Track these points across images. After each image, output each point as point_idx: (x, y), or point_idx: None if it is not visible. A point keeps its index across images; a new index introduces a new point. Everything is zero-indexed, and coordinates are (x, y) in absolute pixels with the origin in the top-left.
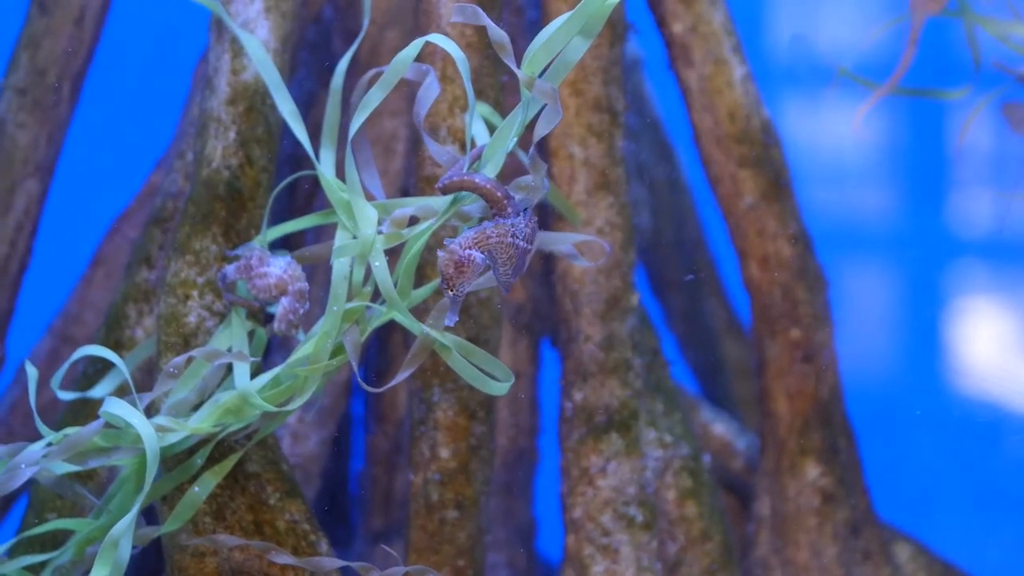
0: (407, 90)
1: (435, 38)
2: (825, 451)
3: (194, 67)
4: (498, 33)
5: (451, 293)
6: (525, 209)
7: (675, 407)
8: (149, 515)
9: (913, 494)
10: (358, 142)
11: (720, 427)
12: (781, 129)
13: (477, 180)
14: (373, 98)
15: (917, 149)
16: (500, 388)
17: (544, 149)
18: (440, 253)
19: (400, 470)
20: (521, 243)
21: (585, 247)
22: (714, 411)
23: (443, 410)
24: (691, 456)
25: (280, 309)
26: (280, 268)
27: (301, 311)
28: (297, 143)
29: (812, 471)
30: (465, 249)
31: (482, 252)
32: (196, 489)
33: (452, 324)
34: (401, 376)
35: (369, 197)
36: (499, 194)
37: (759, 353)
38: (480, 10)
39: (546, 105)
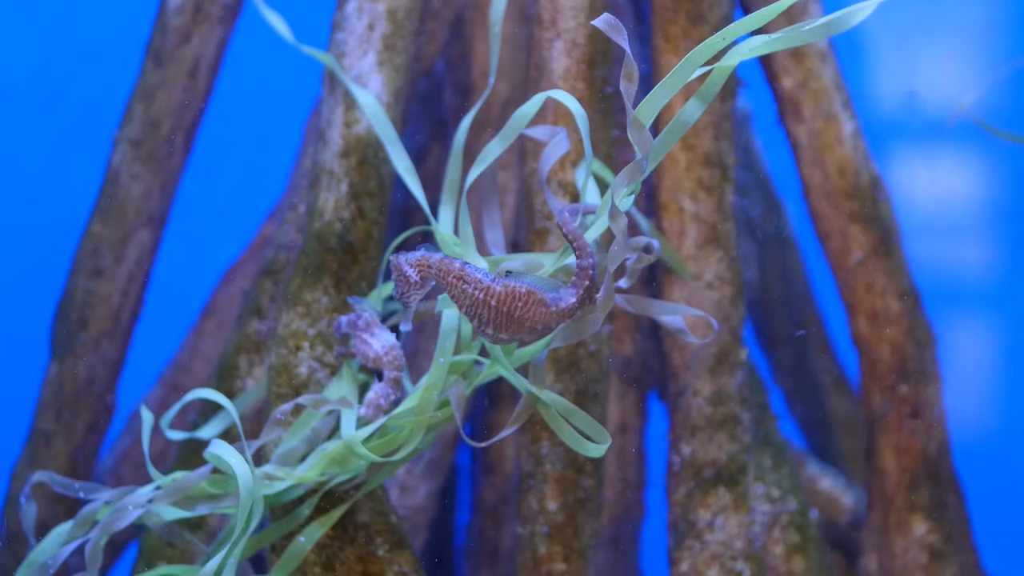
0: (517, 143)
1: (557, 94)
2: (933, 507)
3: (306, 119)
4: (631, 62)
5: (398, 296)
6: (508, 273)
7: (783, 462)
8: (260, 565)
9: (1022, 551)
10: (487, 193)
11: (827, 482)
12: (888, 184)
13: (578, 241)
14: (492, 151)
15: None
16: (596, 450)
17: (655, 203)
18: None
19: (507, 522)
20: (477, 293)
21: (694, 321)
22: (821, 466)
23: (551, 463)
24: (799, 511)
25: (371, 393)
26: (381, 347)
27: (392, 398)
28: (407, 195)
29: (920, 527)
30: (406, 264)
31: (420, 275)
32: (302, 539)
33: (403, 330)
34: (506, 433)
35: (484, 252)
36: (580, 258)
37: (867, 409)
38: (622, 27)
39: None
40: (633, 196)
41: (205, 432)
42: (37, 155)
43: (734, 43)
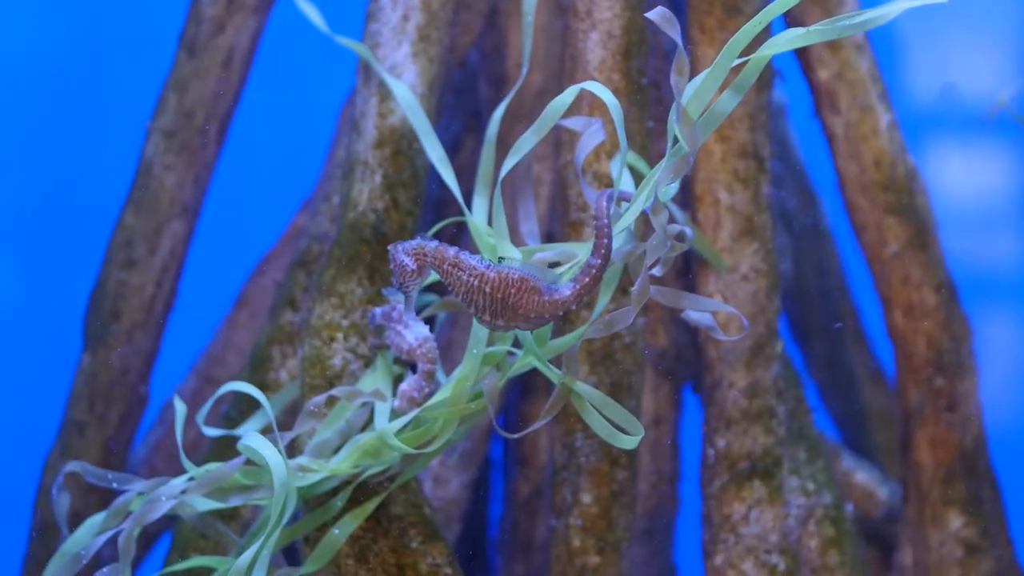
0: (551, 134)
1: (591, 85)
2: (969, 501)
3: (340, 110)
4: (683, 56)
5: (397, 285)
6: (502, 259)
7: (818, 455)
8: (293, 557)
9: None
10: (521, 185)
11: (862, 476)
12: (925, 176)
13: (606, 233)
14: (526, 142)
15: None
16: (630, 442)
17: (690, 194)
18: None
19: (541, 515)
20: (472, 280)
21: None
22: (856, 459)
23: (586, 455)
24: (834, 505)
25: (405, 385)
26: (415, 339)
27: (425, 390)
28: (441, 185)
29: (955, 521)
30: (402, 253)
31: (417, 264)
32: (336, 531)
33: (407, 317)
34: (539, 424)
35: (519, 243)
36: (593, 255)
37: (902, 402)
38: (675, 20)
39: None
40: (674, 188)
41: (243, 430)
42: (70, 146)
43: (770, 34)
